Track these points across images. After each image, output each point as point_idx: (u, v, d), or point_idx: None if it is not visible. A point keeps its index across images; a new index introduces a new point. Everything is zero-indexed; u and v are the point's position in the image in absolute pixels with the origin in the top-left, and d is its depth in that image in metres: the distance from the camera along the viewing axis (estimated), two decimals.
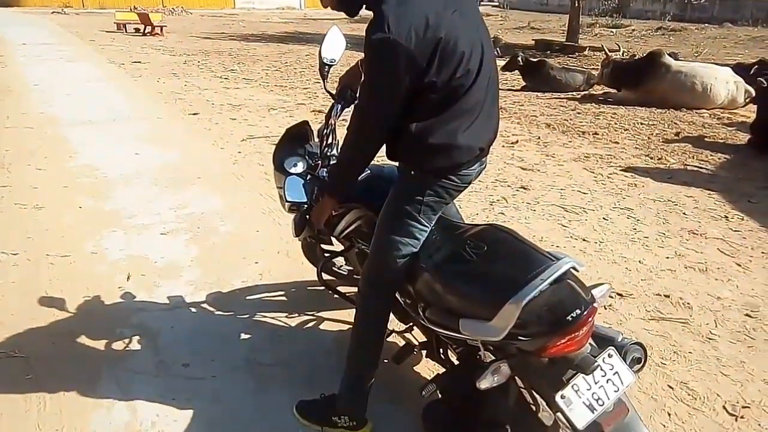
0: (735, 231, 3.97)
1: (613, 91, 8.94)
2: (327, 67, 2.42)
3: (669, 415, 2.26)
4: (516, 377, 1.81)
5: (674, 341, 2.72)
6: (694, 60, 11.90)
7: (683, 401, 2.33)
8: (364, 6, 1.79)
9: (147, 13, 20.33)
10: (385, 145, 1.90)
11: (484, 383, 1.69)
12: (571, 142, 6.43)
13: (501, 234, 1.92)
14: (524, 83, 10.07)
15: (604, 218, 4.17)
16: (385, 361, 2.34)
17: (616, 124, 7.31)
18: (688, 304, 3.03)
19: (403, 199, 1.92)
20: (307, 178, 2.38)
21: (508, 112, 7.95)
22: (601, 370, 1.70)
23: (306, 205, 2.31)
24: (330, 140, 2.40)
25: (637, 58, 9.59)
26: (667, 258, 3.56)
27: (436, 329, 1.96)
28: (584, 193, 4.69)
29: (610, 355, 1.72)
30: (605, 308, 2.99)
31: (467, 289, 1.79)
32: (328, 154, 2.39)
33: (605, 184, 4.93)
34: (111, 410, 2.30)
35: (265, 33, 20.85)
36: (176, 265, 3.48)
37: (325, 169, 2.38)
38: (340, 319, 2.87)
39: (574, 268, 1.72)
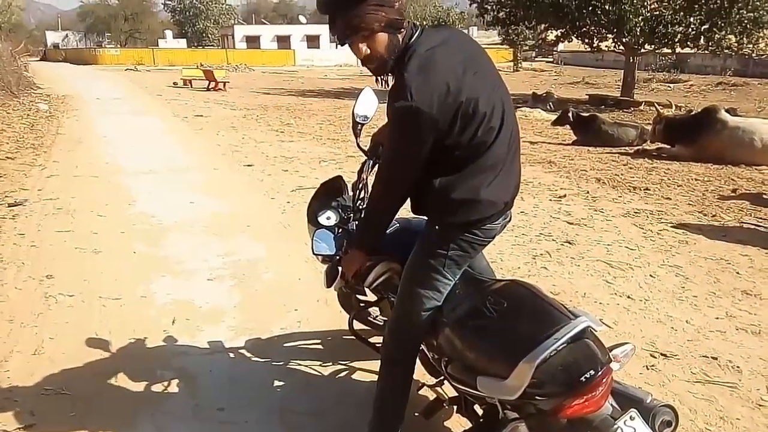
0: None
1: (667, 146, 8.78)
2: (360, 125, 2.53)
3: None
4: None
5: (721, 406, 2.59)
6: (757, 116, 11.61)
7: None
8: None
9: (211, 70, 21.51)
10: (410, 200, 1.96)
11: None
12: (621, 197, 6.32)
13: (522, 290, 1.92)
14: (575, 138, 10.04)
15: (650, 275, 4.05)
16: (416, 414, 2.33)
17: (669, 179, 7.15)
18: (738, 367, 2.89)
19: (428, 252, 1.96)
20: (338, 231, 2.43)
21: (557, 166, 7.92)
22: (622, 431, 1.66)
23: (337, 257, 2.37)
24: (362, 194, 2.47)
25: (692, 113, 9.44)
26: (717, 318, 3.41)
27: (457, 385, 1.95)
28: (632, 249, 4.58)
29: (632, 417, 1.68)
30: (647, 368, 2.88)
31: (484, 346, 1.81)
32: (361, 207, 2.46)
33: (654, 241, 4.80)
34: None
35: (322, 89, 21.64)
36: (219, 310, 3.59)
37: (356, 222, 2.45)
38: (373, 370, 2.87)
39: (591, 328, 1.69)
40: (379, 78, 1.88)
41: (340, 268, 2.32)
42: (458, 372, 1.91)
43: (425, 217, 2.02)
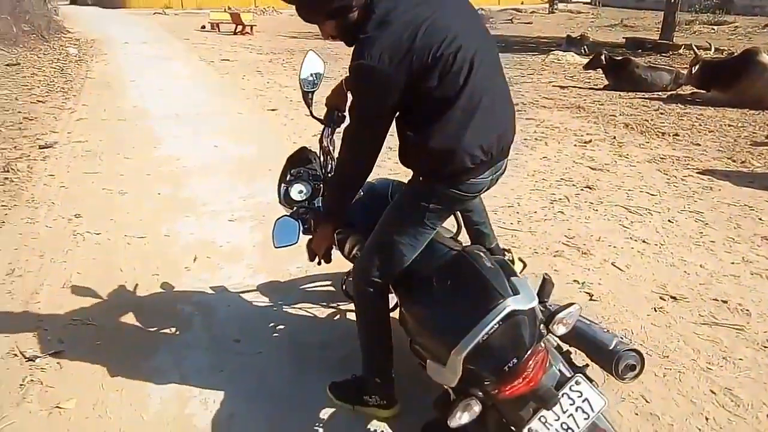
0: None
1: (703, 91, 8.48)
2: (310, 93, 2.43)
3: (706, 419, 2.18)
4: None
5: (725, 347, 2.61)
6: None
7: (724, 407, 2.24)
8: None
9: (239, 12, 21.27)
10: (398, 152, 1.93)
11: (454, 422, 1.66)
12: (648, 142, 6.18)
13: (467, 265, 1.82)
14: (607, 82, 9.75)
15: (669, 221, 4.00)
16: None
17: (700, 125, 6.94)
18: (747, 310, 2.88)
19: (409, 203, 1.95)
20: (302, 211, 2.39)
21: (586, 111, 7.74)
22: (569, 398, 1.65)
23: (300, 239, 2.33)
24: (329, 164, 2.41)
25: (730, 56, 9.05)
26: (732, 263, 3.38)
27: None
28: (653, 195, 4.52)
29: (577, 383, 1.66)
30: (654, 310, 2.90)
31: (428, 330, 1.82)
32: (329, 177, 2.41)
33: (677, 186, 4.72)
34: (164, 377, 2.50)
35: None
36: (239, 249, 3.69)
37: (322, 198, 2.39)
38: None
39: (519, 311, 1.62)
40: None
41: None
42: (414, 350, 1.98)
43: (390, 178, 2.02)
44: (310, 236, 2.32)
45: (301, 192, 2.44)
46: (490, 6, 32.57)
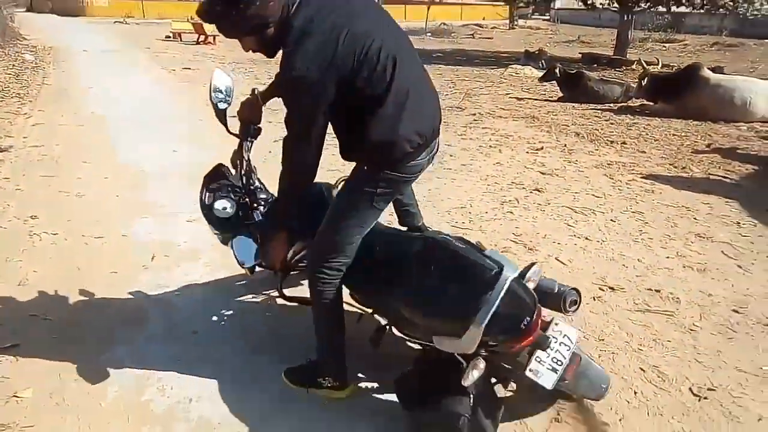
0: (744, 236, 3.97)
1: (651, 103, 8.89)
2: (223, 111, 2.50)
3: (635, 393, 2.36)
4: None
5: (655, 331, 2.80)
6: (748, 76, 11.65)
7: (651, 382, 2.43)
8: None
9: (201, 23, 21.17)
10: (339, 147, 2.08)
11: (468, 381, 1.88)
12: (597, 150, 6.46)
13: (442, 250, 2.06)
14: (561, 94, 10.11)
15: (611, 220, 4.23)
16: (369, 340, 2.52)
17: (647, 134, 7.28)
18: (677, 299, 3.10)
19: (357, 190, 2.08)
20: (249, 228, 2.44)
21: (540, 121, 8.02)
22: (554, 337, 1.98)
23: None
24: (251, 178, 2.48)
25: (676, 71, 9.50)
26: (667, 258, 3.61)
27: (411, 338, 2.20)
28: (598, 197, 4.76)
29: (556, 323, 2.01)
30: (593, 299, 3.09)
31: (432, 312, 1.98)
32: (252, 188, 2.47)
33: (621, 190, 4.98)
34: (122, 367, 2.56)
35: None
36: (197, 249, 3.75)
37: (261, 209, 2.45)
38: None
39: (514, 278, 1.90)
40: None
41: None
42: (412, 332, 2.17)
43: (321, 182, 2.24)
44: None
45: (225, 208, 2.45)
46: (452, 21, 33.19)
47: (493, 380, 2.23)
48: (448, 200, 4.61)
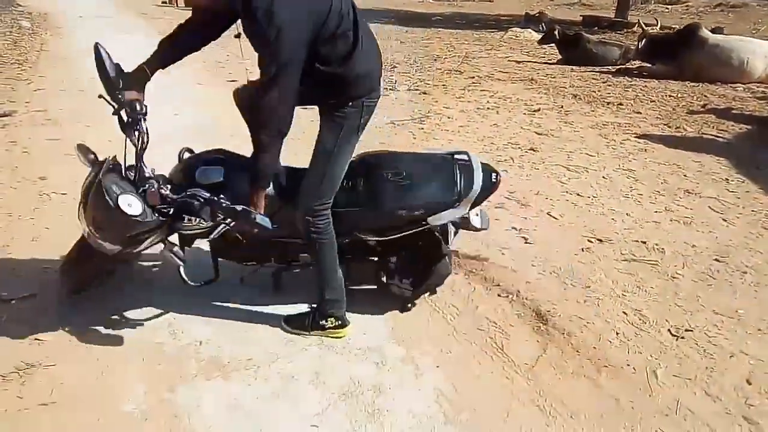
0: (731, 192, 4.10)
1: (649, 65, 8.91)
2: (118, 90, 2.36)
3: (617, 334, 2.52)
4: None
5: (640, 278, 2.96)
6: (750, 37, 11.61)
7: (633, 324, 2.59)
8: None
9: None
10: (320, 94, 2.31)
11: (451, 243, 2.75)
12: (593, 111, 6.53)
13: (393, 156, 2.69)
14: (560, 57, 10.10)
15: (603, 177, 4.35)
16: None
17: (643, 96, 7.34)
18: (662, 249, 3.24)
19: (345, 125, 2.30)
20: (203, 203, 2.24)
21: (538, 84, 8.06)
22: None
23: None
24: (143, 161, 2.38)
25: (674, 31, 9.49)
26: (656, 212, 3.75)
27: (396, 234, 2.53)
28: (591, 156, 4.87)
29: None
30: (582, 250, 3.24)
31: (423, 198, 2.48)
32: (147, 175, 2.35)
33: (615, 149, 5.08)
34: (136, 312, 2.72)
35: None
36: None
37: (220, 196, 2.23)
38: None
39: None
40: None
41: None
42: (406, 225, 2.51)
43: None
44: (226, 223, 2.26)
45: (131, 205, 2.16)
46: None
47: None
48: None
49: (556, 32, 10.23)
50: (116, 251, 2.27)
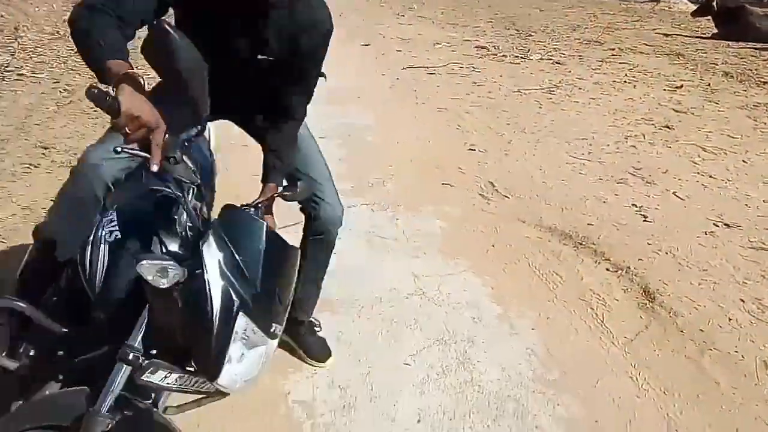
0: None
1: None
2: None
3: (729, 320, 2.42)
4: None
5: (766, 268, 2.77)
6: None
7: (749, 312, 2.46)
8: None
9: None
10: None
11: None
12: (745, 91, 5.99)
13: None
14: (716, 31, 9.27)
15: (743, 161, 4.04)
16: None
17: None
18: None
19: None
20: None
21: (685, 59, 7.50)
22: None
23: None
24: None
25: None
26: None
27: None
28: (733, 137, 4.51)
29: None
30: (705, 233, 3.08)
31: None
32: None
33: (764, 132, 4.66)
34: None
35: None
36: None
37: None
38: None
39: None
40: None
41: None
42: None
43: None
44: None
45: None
46: None
47: None
48: (570, 131, 4.60)
49: (714, 3, 9.37)
50: None
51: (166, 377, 1.29)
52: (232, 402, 1.48)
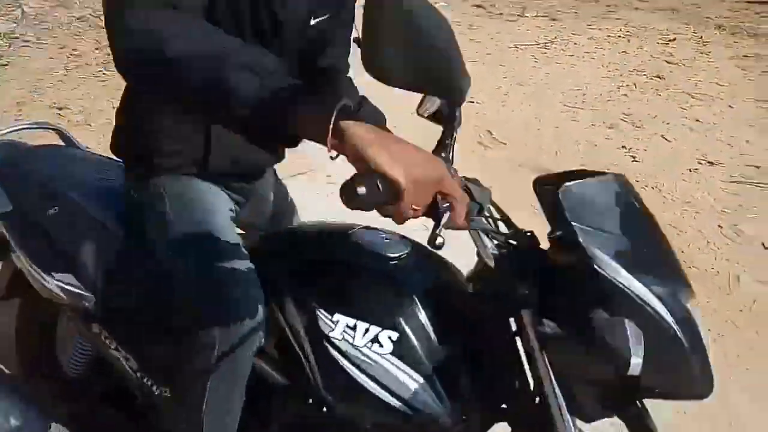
0: None
1: None
2: None
3: (707, 242, 2.63)
4: None
5: (745, 199, 2.99)
6: None
7: (726, 236, 2.69)
8: None
9: None
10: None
11: None
12: (737, 42, 6.11)
13: None
14: None
15: (730, 106, 4.22)
16: None
17: None
18: None
19: None
20: None
21: (680, 13, 7.57)
22: None
23: None
24: None
25: None
26: None
27: None
28: (722, 86, 4.67)
29: None
30: (689, 171, 3.27)
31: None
32: None
33: (752, 80, 4.81)
34: None
35: None
36: None
37: None
38: None
39: None
40: None
41: None
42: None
43: None
44: None
45: None
46: None
47: None
48: (565, 83, 4.77)
49: None
50: None
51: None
52: None
